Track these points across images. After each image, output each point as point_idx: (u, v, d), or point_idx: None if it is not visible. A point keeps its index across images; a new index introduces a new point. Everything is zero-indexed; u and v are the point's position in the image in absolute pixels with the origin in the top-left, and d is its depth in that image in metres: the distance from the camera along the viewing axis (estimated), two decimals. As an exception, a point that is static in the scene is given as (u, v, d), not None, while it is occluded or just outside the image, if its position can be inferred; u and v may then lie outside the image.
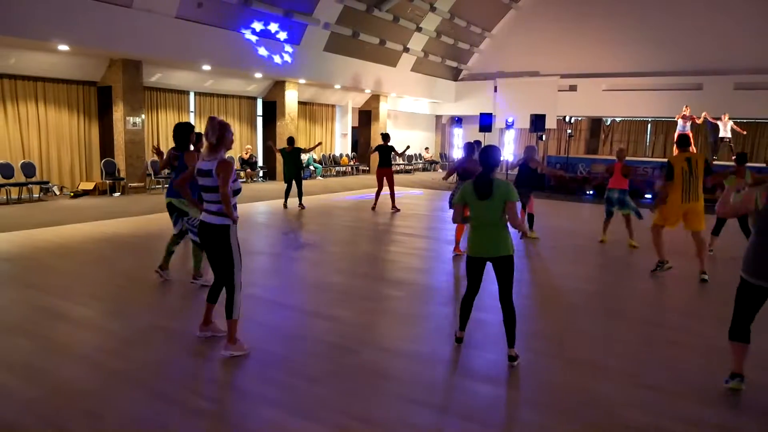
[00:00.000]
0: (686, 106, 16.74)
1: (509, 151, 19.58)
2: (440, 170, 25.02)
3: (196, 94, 16.30)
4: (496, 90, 22.83)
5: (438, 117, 27.27)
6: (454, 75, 25.15)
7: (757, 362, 4.08)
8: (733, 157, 9.26)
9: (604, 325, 5.14)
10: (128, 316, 5.00)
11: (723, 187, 8.67)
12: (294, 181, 11.95)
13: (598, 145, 23.74)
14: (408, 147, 14.21)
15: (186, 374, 3.89)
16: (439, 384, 3.88)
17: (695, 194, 6.54)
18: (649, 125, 22.24)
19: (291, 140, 12.08)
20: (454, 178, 8.49)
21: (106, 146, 13.69)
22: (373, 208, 12.11)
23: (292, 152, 11.88)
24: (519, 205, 5.92)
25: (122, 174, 13.52)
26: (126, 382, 3.73)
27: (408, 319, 5.19)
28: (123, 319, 4.93)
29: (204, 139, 4.19)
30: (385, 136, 12.43)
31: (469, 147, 7.82)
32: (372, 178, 13.00)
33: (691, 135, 16.78)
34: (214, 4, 13.54)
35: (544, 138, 19.47)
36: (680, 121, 16.59)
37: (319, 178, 19.40)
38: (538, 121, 17.56)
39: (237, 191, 4.13)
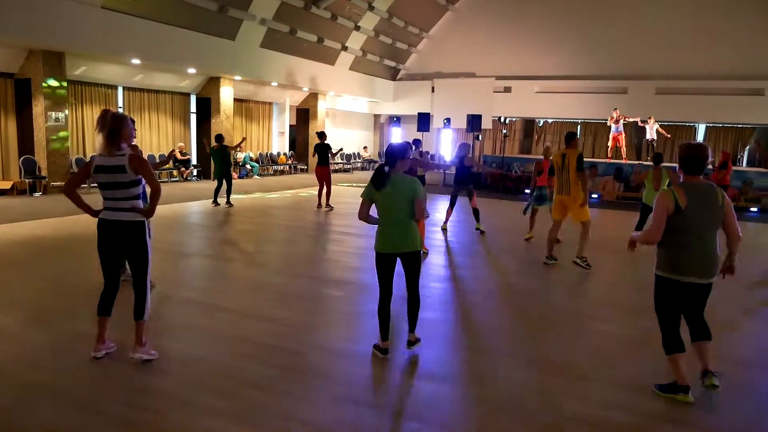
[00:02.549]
0: (615, 109, 17.63)
1: (447, 150, 19.87)
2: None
3: (125, 89, 15.55)
4: (433, 90, 23.14)
5: (376, 116, 27.34)
6: (393, 75, 25.29)
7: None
8: (649, 158, 9.70)
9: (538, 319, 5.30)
10: (50, 323, 4.68)
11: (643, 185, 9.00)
12: (224, 179, 11.82)
13: (531, 145, 24.55)
14: (341, 149, 15.24)
15: (115, 383, 3.67)
16: (381, 383, 3.86)
17: (567, 187, 7.20)
18: (579, 126, 23.17)
19: (219, 137, 11.95)
20: None
21: (26, 143, 12.80)
22: (318, 207, 12.07)
23: (220, 150, 11.74)
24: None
25: (44, 172, 12.70)
26: (48, 395, 3.48)
27: (348, 319, 5.14)
28: (44, 327, 4.60)
29: (99, 134, 3.87)
30: (321, 134, 12.49)
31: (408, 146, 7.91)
32: (311, 177, 12.90)
33: (623, 135, 17.62)
34: (144, -6, 12.98)
35: (480, 138, 19.91)
36: (613, 125, 17.41)
37: (256, 177, 19.00)
38: (474, 121, 17.95)
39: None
